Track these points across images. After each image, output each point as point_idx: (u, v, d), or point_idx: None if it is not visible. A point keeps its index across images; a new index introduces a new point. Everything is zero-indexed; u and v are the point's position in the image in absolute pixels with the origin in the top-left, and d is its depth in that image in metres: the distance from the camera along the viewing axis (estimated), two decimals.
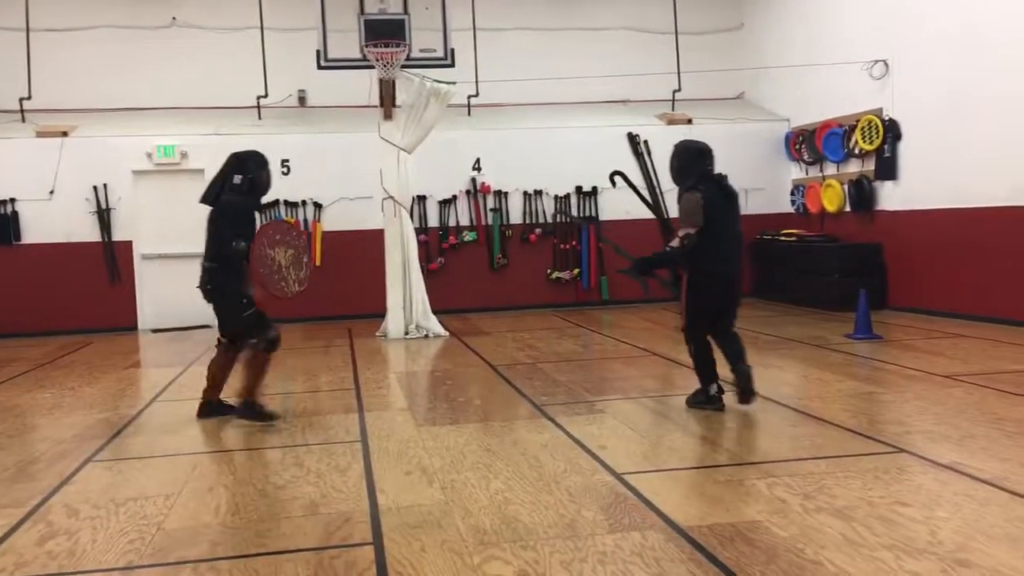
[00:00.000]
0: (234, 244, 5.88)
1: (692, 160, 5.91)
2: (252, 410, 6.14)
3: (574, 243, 13.18)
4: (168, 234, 12.34)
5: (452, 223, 12.95)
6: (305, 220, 12.52)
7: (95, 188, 12.13)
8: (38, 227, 12.01)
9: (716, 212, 5.71)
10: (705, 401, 5.98)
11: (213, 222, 6.05)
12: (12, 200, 11.96)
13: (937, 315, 10.30)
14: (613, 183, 7.93)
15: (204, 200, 6.22)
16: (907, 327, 9.69)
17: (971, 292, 9.99)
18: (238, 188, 6.10)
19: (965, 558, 3.31)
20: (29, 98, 12.45)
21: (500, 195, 13.04)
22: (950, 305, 10.26)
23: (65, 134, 12.14)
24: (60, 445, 5.71)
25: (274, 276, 5.97)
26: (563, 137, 13.12)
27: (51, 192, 12.01)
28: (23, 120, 12.44)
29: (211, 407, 6.34)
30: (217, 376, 6.35)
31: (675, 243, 5.76)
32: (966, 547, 3.41)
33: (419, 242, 11.47)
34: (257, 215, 6.35)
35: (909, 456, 4.72)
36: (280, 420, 6.19)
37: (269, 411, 6.21)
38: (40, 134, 12.10)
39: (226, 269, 5.97)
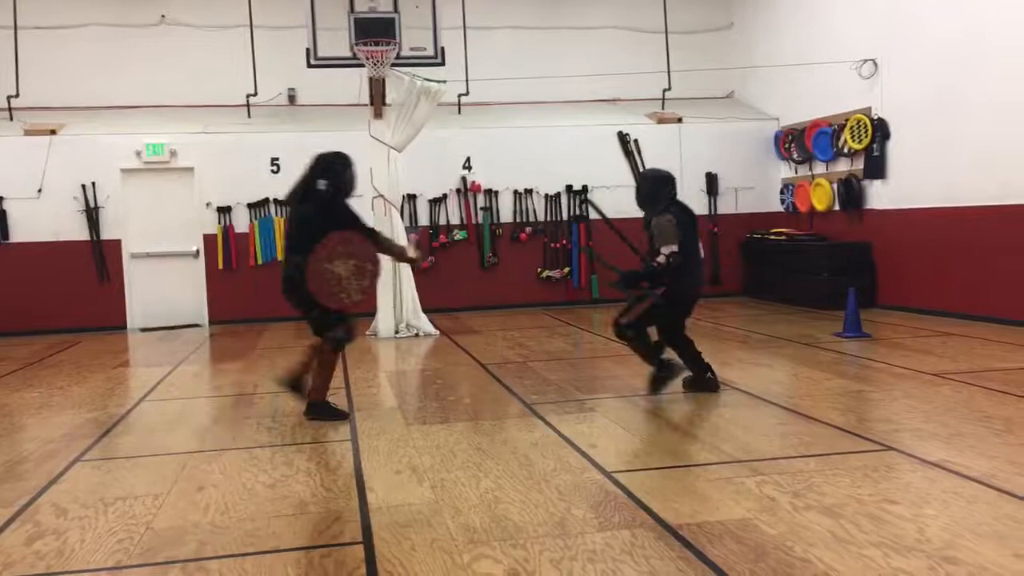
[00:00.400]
0: (288, 260, 5.90)
1: (660, 187, 6.42)
2: (324, 410, 6.10)
3: (564, 242, 13.19)
4: (157, 233, 12.33)
5: (443, 222, 12.95)
6: None
7: (83, 187, 12.08)
8: (26, 226, 11.95)
9: (684, 234, 6.20)
10: (665, 370, 6.37)
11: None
12: (0, 199, 11.90)
13: (925, 313, 10.35)
14: (587, 213, 8.17)
15: (287, 202, 6.30)
16: (896, 325, 9.73)
17: (960, 291, 10.03)
18: (323, 194, 5.89)
19: (953, 555, 3.33)
20: (17, 96, 12.38)
21: (490, 194, 13.03)
22: (938, 303, 10.31)
23: (53, 132, 12.08)
24: (49, 444, 5.69)
25: (332, 289, 5.80)
26: (553, 136, 13.13)
27: (39, 191, 11.95)
28: (11, 118, 12.37)
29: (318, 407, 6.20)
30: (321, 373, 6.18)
31: (661, 259, 6.12)
32: (954, 544, 3.43)
33: (409, 240, 11.44)
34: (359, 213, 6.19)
35: (897, 454, 4.74)
36: (270, 419, 6.20)
37: (340, 409, 6.18)
38: (28, 132, 12.03)
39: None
